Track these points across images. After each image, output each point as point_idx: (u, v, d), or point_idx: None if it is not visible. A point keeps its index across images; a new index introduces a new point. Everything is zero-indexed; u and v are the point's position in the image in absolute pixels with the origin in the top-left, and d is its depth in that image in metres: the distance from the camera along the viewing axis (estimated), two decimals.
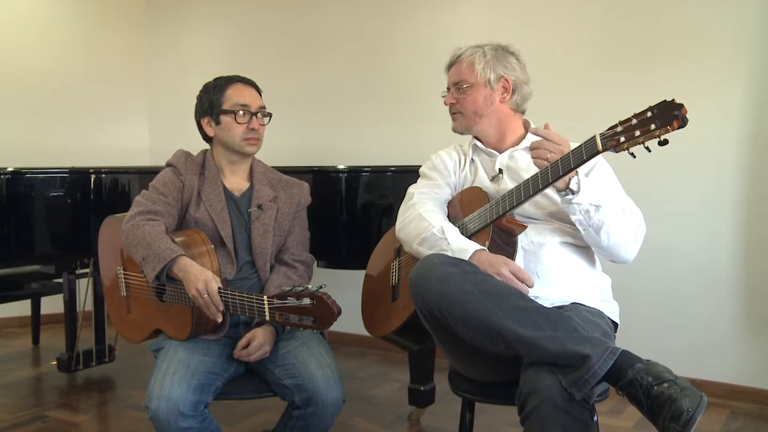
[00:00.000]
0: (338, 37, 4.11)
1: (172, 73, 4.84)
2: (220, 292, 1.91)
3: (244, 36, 4.50)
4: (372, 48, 4.00)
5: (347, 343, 3.95)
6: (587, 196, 1.77)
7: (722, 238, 3.11)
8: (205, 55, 4.67)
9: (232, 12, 4.55)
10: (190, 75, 4.60)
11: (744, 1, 3.03)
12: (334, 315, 1.72)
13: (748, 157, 3.06)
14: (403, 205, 2.09)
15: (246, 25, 4.48)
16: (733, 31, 3.05)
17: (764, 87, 3.01)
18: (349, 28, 4.07)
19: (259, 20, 4.42)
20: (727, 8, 3.05)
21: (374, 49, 3.99)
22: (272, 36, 4.37)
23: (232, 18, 4.56)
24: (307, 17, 4.22)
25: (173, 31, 4.84)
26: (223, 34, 4.62)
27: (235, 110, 2.17)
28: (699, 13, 3.11)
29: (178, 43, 4.82)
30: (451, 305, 1.65)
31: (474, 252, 1.78)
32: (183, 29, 4.80)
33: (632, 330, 2.30)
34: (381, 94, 3.97)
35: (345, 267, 2.90)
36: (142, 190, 2.21)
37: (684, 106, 1.54)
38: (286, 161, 3.04)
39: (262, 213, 2.20)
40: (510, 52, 2.09)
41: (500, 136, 2.09)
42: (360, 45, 4.03)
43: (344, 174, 2.88)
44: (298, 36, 4.26)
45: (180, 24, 4.80)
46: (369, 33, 4.00)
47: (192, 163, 2.23)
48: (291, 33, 4.29)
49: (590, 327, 1.66)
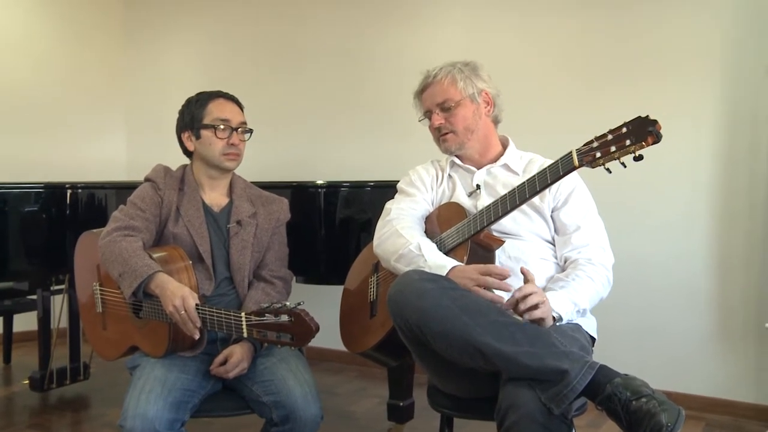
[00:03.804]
0: (318, 52, 4.12)
1: (151, 86, 4.82)
2: (198, 309, 1.89)
3: (223, 50, 4.49)
4: (351, 63, 4.01)
5: (326, 359, 3.93)
6: (570, 316, 1.79)
7: (697, 252, 3.15)
8: (184, 68, 4.66)
9: (211, 26, 4.55)
10: (169, 89, 4.58)
11: (717, 17, 3.08)
12: (312, 332, 1.71)
13: (721, 171, 3.11)
14: (381, 220, 2.09)
15: (225, 38, 4.48)
16: (706, 46, 3.10)
17: (737, 102, 3.06)
18: (328, 43, 4.08)
19: (238, 34, 4.42)
20: (700, 24, 3.11)
21: (354, 64, 4.00)
22: (252, 50, 4.37)
23: (211, 32, 4.55)
24: (287, 32, 4.22)
25: (152, 44, 4.82)
26: (202, 47, 4.61)
27: (216, 125, 2.16)
28: (673, 29, 3.17)
29: (157, 56, 4.80)
30: (429, 321, 1.65)
31: (451, 268, 1.78)
32: (161, 42, 4.78)
33: (609, 344, 2.31)
34: (360, 109, 3.98)
35: (323, 283, 2.89)
36: (119, 206, 2.18)
37: (658, 122, 1.55)
38: (266, 176, 3.03)
39: (241, 229, 2.19)
40: (478, 66, 2.11)
41: (483, 152, 2.10)
42: (339, 60, 4.05)
43: (323, 189, 2.88)
44: (278, 50, 4.27)
45: (158, 37, 4.79)
46: (348, 47, 4.02)
47: (171, 178, 2.21)
48: (271, 47, 4.29)
49: (568, 342, 1.66)
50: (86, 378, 3.51)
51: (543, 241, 1.97)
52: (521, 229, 1.96)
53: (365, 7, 3.97)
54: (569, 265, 1.92)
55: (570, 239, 1.94)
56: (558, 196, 1.98)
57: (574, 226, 1.95)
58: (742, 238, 3.08)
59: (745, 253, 3.07)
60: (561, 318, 1.75)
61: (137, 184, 2.25)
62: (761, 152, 3.01)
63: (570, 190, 1.97)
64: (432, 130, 2.11)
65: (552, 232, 1.98)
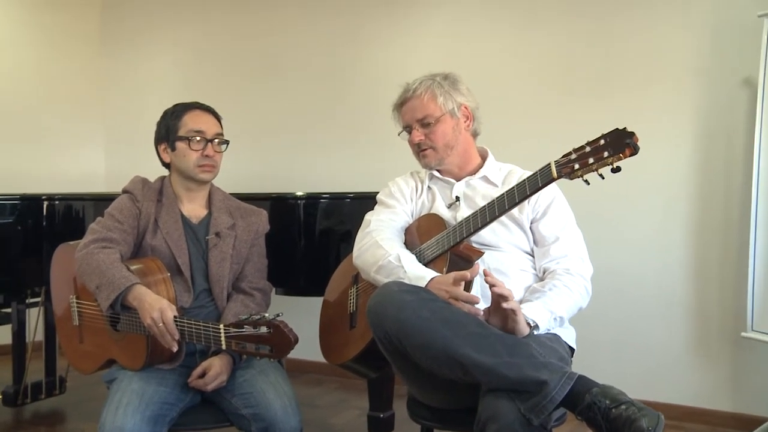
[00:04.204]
0: (298, 63, 4.12)
1: (129, 97, 4.79)
2: (176, 321, 1.88)
3: (202, 60, 4.48)
4: (331, 73, 4.01)
5: (305, 371, 3.91)
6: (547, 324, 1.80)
7: (674, 263, 3.18)
8: (163, 79, 4.63)
9: (190, 36, 4.53)
10: (148, 99, 4.56)
11: (694, 29, 3.13)
12: (291, 343, 1.71)
13: (698, 183, 3.15)
14: (360, 232, 2.09)
15: (205, 49, 4.46)
16: (683, 58, 3.15)
17: (713, 114, 3.10)
18: (308, 54, 4.09)
19: (218, 44, 4.41)
20: (677, 36, 3.16)
21: (334, 75, 4.01)
22: (231, 60, 4.36)
23: (190, 42, 4.53)
24: (267, 42, 4.22)
25: (129, 54, 4.79)
26: (181, 58, 4.59)
27: (190, 137, 2.15)
28: (650, 41, 3.21)
29: (135, 66, 4.77)
30: (409, 333, 1.65)
31: (431, 279, 1.78)
32: (139, 52, 4.75)
33: (588, 355, 2.32)
34: (339, 120, 3.99)
35: (303, 294, 2.87)
36: (97, 218, 2.17)
37: (635, 134, 1.57)
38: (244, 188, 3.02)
39: (220, 241, 2.18)
40: (457, 79, 2.12)
41: (462, 165, 2.11)
42: (319, 70, 4.05)
43: (302, 201, 2.87)
44: (257, 60, 4.26)
45: (136, 47, 4.76)
46: (328, 58, 4.02)
47: (149, 189, 2.20)
48: (251, 57, 4.28)
49: (547, 352, 1.67)
50: (62, 392, 3.45)
51: (522, 253, 1.98)
52: (500, 240, 1.97)
53: (345, 19, 3.98)
54: (547, 275, 1.93)
55: (549, 250, 1.95)
56: (537, 207, 1.99)
57: (552, 237, 1.96)
58: (718, 249, 3.12)
59: (721, 264, 3.11)
60: (537, 326, 1.76)
61: (115, 195, 2.24)
62: (737, 164, 3.05)
63: (549, 202, 1.99)
64: (411, 144, 2.11)
65: (531, 244, 1.99)
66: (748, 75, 3.00)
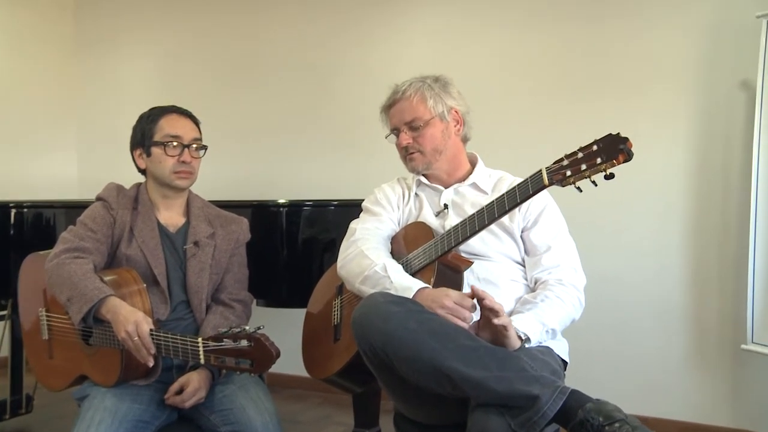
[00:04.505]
0: (279, 64, 4.12)
1: (104, 100, 4.77)
2: (152, 334, 1.87)
3: (180, 63, 4.47)
4: (315, 76, 4.02)
5: (288, 386, 3.90)
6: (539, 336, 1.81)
7: (671, 272, 3.20)
8: (140, 82, 4.63)
9: (167, 38, 4.53)
10: (123, 103, 4.54)
11: (690, 32, 3.15)
12: (273, 357, 1.71)
13: (694, 188, 3.17)
14: (345, 241, 2.10)
15: (183, 51, 4.46)
16: (678, 61, 3.17)
17: (710, 118, 3.13)
18: (290, 55, 4.09)
19: (196, 46, 4.41)
20: (673, 38, 3.18)
21: (317, 77, 4.01)
22: (211, 62, 4.35)
23: (168, 43, 4.53)
24: (247, 44, 4.23)
25: (105, 56, 4.78)
26: (158, 60, 4.58)
27: (166, 142, 2.15)
28: (645, 44, 3.23)
29: (111, 69, 4.76)
30: (395, 345, 1.65)
31: (418, 290, 1.79)
32: (115, 54, 4.74)
33: (582, 368, 2.33)
34: (323, 124, 3.99)
35: (285, 306, 2.87)
36: (69, 226, 2.16)
37: (629, 139, 1.58)
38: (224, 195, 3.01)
39: (199, 250, 2.18)
40: (448, 81, 2.13)
41: (451, 171, 2.13)
42: (302, 73, 4.05)
43: (285, 208, 2.87)
44: (237, 63, 4.26)
45: (112, 49, 4.75)
46: (311, 60, 4.03)
47: (124, 197, 2.20)
48: (230, 60, 4.28)
49: (539, 366, 1.68)
50: (29, 411, 3.41)
51: (513, 263, 1.99)
52: (490, 249, 1.98)
53: (328, 19, 3.99)
54: (539, 286, 1.94)
55: (540, 260, 1.96)
56: (528, 215, 2.00)
57: (544, 246, 1.97)
58: (716, 256, 3.13)
59: (720, 272, 3.13)
60: (529, 339, 1.77)
61: (88, 203, 2.23)
62: (735, 169, 3.07)
63: (540, 210, 2.00)
64: (399, 147, 2.12)
65: (522, 253, 2.00)
66: (745, 77, 3.02)
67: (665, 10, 3.20)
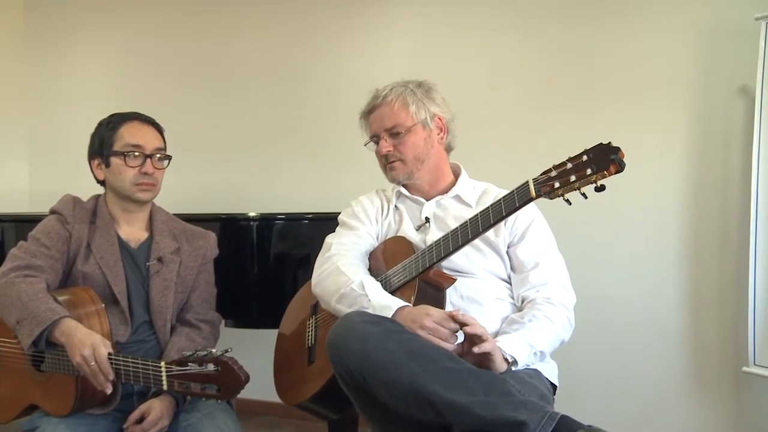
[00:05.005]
0: (249, 69, 4.12)
1: (58, 107, 4.73)
2: (111, 358, 1.86)
3: (141, 66, 4.45)
4: (287, 82, 4.02)
5: (258, 413, 3.88)
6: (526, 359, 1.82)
7: (666, 289, 3.21)
8: (98, 87, 4.59)
9: (129, 37, 4.49)
10: (80, 110, 4.51)
11: (685, 34, 3.18)
12: (241, 382, 1.71)
13: (691, 201, 3.18)
14: (320, 257, 2.11)
15: (146, 52, 4.44)
16: (674, 65, 3.19)
17: (707, 126, 3.15)
18: (261, 59, 4.09)
19: (161, 47, 4.39)
20: (667, 42, 3.20)
21: (291, 84, 4.01)
22: (176, 65, 4.34)
23: (129, 46, 4.51)
24: (216, 45, 4.22)
25: (58, 58, 4.74)
26: (117, 64, 4.55)
27: (126, 152, 2.15)
28: (638, 47, 3.25)
29: (65, 72, 4.72)
30: (373, 368, 1.66)
31: (397, 309, 1.80)
32: (70, 57, 4.70)
33: (572, 392, 2.34)
34: (297, 132, 3.99)
35: (256, 326, 2.87)
36: (19, 242, 2.15)
37: (621, 149, 1.60)
38: (190, 208, 3.01)
39: (163, 267, 2.17)
40: (431, 87, 2.15)
41: (433, 182, 2.14)
42: (274, 78, 4.05)
43: (255, 222, 2.88)
44: (205, 66, 4.25)
45: (67, 52, 4.71)
46: (284, 65, 4.03)
47: (81, 210, 2.19)
48: (198, 62, 4.27)
49: (526, 390, 1.69)
50: None
51: (498, 280, 2.01)
52: (474, 266, 1.99)
53: (302, 21, 4.00)
54: (526, 305, 1.96)
55: (527, 277, 1.98)
56: (514, 230, 2.02)
57: (532, 263, 1.99)
58: (715, 272, 3.15)
59: (719, 289, 3.14)
60: (516, 361, 1.78)
61: (41, 217, 2.22)
62: (733, 179, 3.09)
63: (527, 224, 2.02)
64: (378, 156, 2.13)
65: (508, 270, 2.02)
66: (744, 82, 3.05)
67: (659, 11, 3.23)
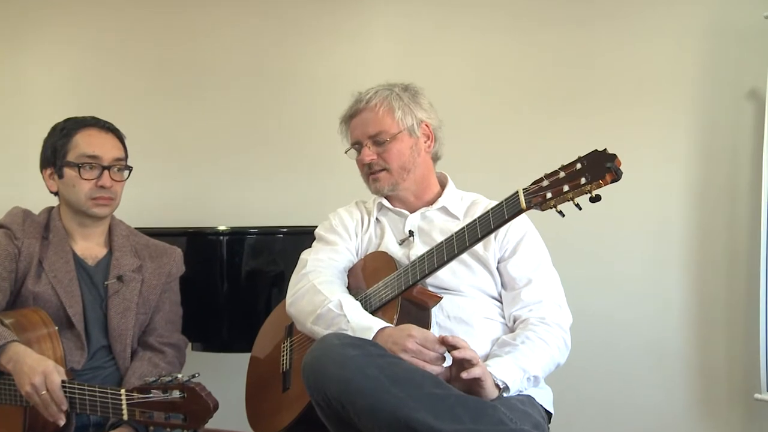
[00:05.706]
0: (220, 71, 4.11)
1: (9, 110, 4.70)
2: (64, 387, 1.86)
3: (103, 67, 4.43)
4: (262, 84, 4.02)
5: None
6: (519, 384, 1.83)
7: (670, 308, 3.22)
8: (53, 89, 4.57)
9: (89, 37, 4.47)
10: (33, 113, 4.48)
11: (689, 36, 3.21)
12: (210, 410, 1.71)
13: (696, 212, 3.20)
14: (295, 274, 2.12)
15: (106, 53, 4.42)
16: (677, 68, 3.22)
17: (713, 132, 3.17)
18: (232, 61, 4.09)
19: (122, 48, 4.37)
20: (670, 43, 3.24)
21: (265, 86, 4.02)
22: (139, 66, 4.32)
23: (89, 45, 4.48)
24: (183, 45, 4.21)
25: (11, 58, 4.72)
26: (76, 63, 4.53)
27: (81, 163, 2.15)
28: (638, 49, 3.28)
29: (18, 73, 4.70)
30: (353, 395, 1.66)
31: (379, 330, 1.81)
32: (23, 55, 4.68)
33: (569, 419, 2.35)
34: (271, 139, 3.99)
35: (226, 350, 2.87)
36: None
37: (617, 156, 1.61)
38: (154, 221, 3.02)
39: (123, 286, 2.17)
40: (418, 91, 2.17)
41: (419, 193, 2.16)
42: (247, 80, 4.05)
43: (225, 236, 2.88)
44: (171, 67, 4.24)
45: (20, 50, 4.69)
46: (258, 66, 4.03)
47: (32, 224, 2.18)
48: (163, 63, 4.26)
49: (519, 418, 1.70)
50: None
51: (488, 298, 2.02)
52: (462, 283, 2.00)
53: (277, 18, 4.00)
54: (519, 325, 1.97)
55: (519, 295, 1.99)
56: (505, 244, 2.04)
57: (524, 279, 2.00)
58: (723, 290, 3.16)
59: (728, 309, 3.15)
60: (508, 387, 1.79)
61: None
62: (742, 189, 3.10)
63: (519, 238, 2.04)
64: (360, 165, 2.15)
65: (498, 287, 2.03)
66: (753, 86, 3.08)
67: (661, 11, 3.26)
